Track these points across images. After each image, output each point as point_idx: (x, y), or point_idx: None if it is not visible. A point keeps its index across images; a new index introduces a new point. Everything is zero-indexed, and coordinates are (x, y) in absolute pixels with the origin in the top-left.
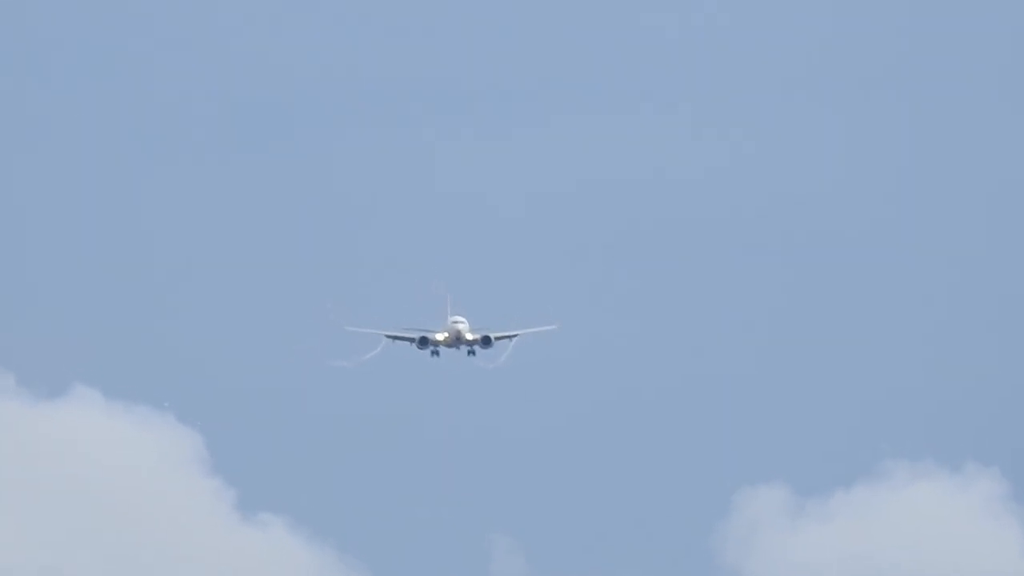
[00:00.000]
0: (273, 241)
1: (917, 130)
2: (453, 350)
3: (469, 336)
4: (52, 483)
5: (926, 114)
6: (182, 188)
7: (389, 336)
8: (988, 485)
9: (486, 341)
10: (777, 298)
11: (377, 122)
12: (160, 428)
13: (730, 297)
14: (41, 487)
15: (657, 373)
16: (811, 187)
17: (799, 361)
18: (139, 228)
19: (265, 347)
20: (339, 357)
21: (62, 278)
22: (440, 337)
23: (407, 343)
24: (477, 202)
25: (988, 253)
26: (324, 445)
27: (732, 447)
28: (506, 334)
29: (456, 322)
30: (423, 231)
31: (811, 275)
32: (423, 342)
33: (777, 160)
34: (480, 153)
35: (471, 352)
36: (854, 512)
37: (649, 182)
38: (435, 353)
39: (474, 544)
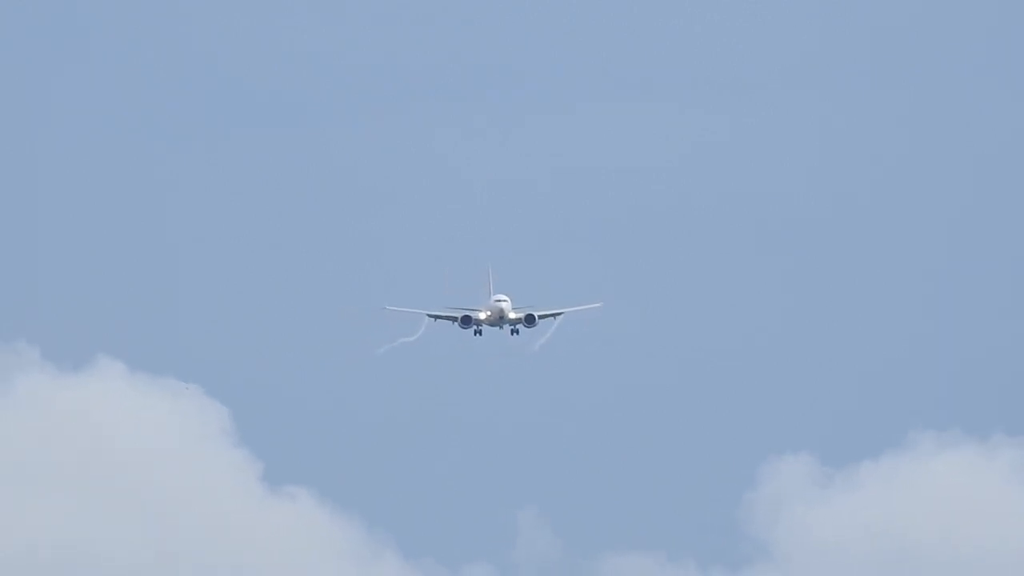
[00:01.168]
0: (313, 223)
1: (913, 120)
2: (496, 329)
3: (512, 315)
4: (78, 456)
5: (917, 105)
6: (221, 169)
7: (431, 315)
8: (1015, 454)
9: (529, 320)
10: (806, 271)
11: (407, 105)
12: (186, 401)
13: (757, 270)
14: (67, 460)
15: (685, 347)
16: (833, 168)
17: (826, 332)
18: (171, 206)
19: (298, 324)
20: (380, 336)
21: (88, 254)
22: (483, 316)
23: (449, 322)
24: (517, 181)
25: (1005, 220)
26: (353, 419)
27: (759, 418)
28: (550, 312)
29: (499, 300)
30: (462, 211)
31: (841, 248)
32: (466, 321)
33: (792, 144)
34: (514, 135)
35: (514, 331)
36: (881, 483)
37: (670, 166)
38: (478, 332)
39: (502, 518)
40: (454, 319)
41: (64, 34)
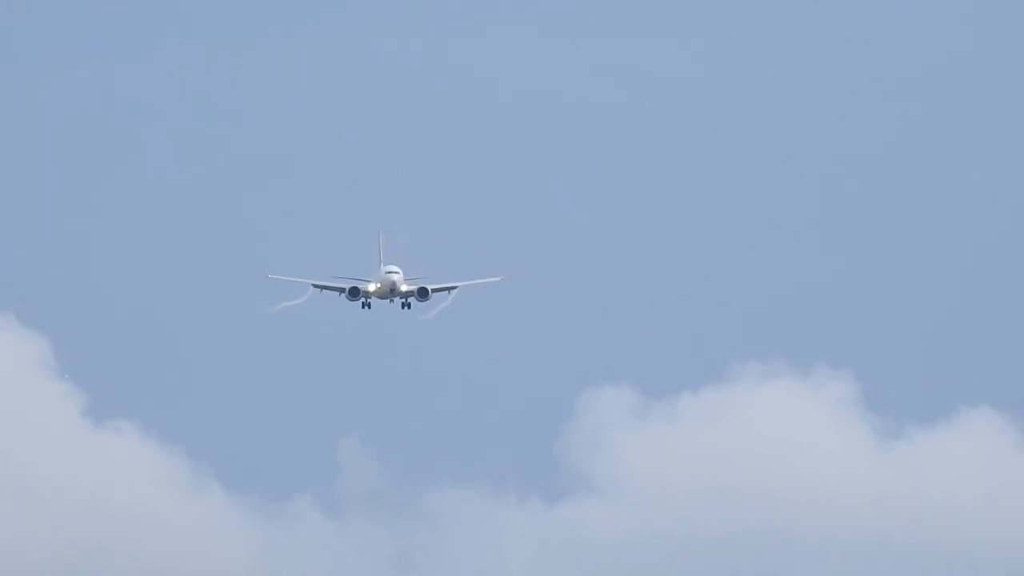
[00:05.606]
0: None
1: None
2: (386, 302)
3: (404, 287)
4: None
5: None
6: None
7: (316, 286)
8: (839, 388)
9: (422, 293)
10: (632, 196)
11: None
12: (3, 332)
13: (577, 190)
14: None
15: (499, 270)
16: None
17: (648, 260)
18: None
19: (139, 262)
20: (260, 305)
21: None
22: (372, 288)
23: (336, 293)
24: (410, 142)
25: (833, 155)
26: (177, 353)
27: (577, 347)
28: (444, 286)
29: (390, 272)
30: (353, 175)
31: (668, 174)
32: (353, 293)
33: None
34: (412, 78)
35: (406, 304)
36: (702, 414)
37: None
38: (366, 305)
39: (324, 450)
40: (341, 290)
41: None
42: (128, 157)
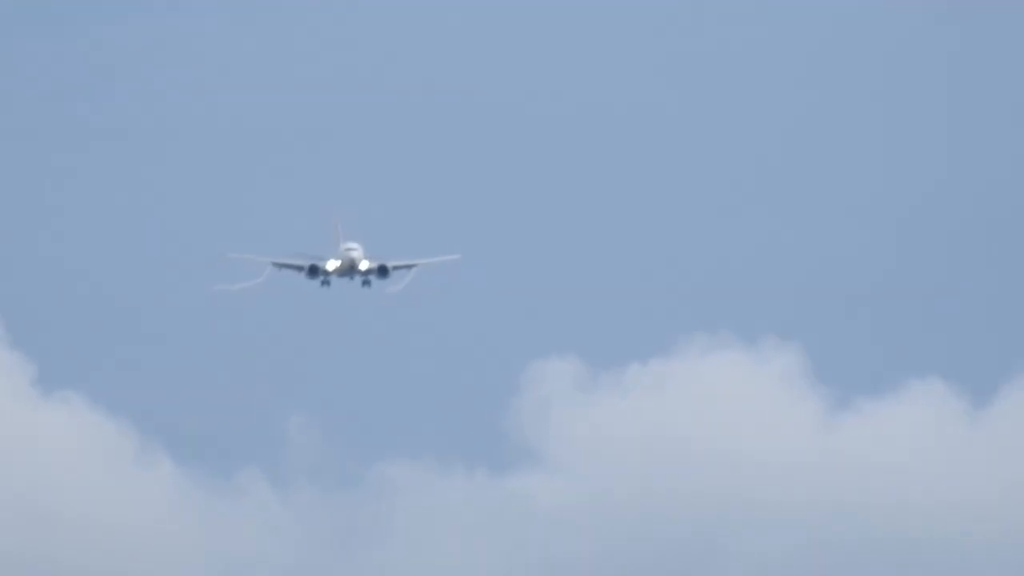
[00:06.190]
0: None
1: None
2: (346, 280)
3: (364, 265)
4: None
5: None
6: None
7: (276, 264)
8: (787, 359)
9: (382, 271)
10: (575, 170)
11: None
12: None
13: (524, 161)
14: None
15: (446, 244)
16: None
17: (592, 232)
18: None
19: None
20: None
21: None
22: (331, 266)
23: (295, 271)
24: (370, 119)
25: (775, 126)
26: (128, 325)
27: (524, 320)
28: (404, 263)
29: (349, 249)
30: (314, 152)
31: (613, 152)
32: (313, 271)
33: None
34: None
35: (366, 282)
36: (649, 386)
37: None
38: (325, 283)
39: (273, 423)
40: (300, 268)
41: None
42: (93, 137)
